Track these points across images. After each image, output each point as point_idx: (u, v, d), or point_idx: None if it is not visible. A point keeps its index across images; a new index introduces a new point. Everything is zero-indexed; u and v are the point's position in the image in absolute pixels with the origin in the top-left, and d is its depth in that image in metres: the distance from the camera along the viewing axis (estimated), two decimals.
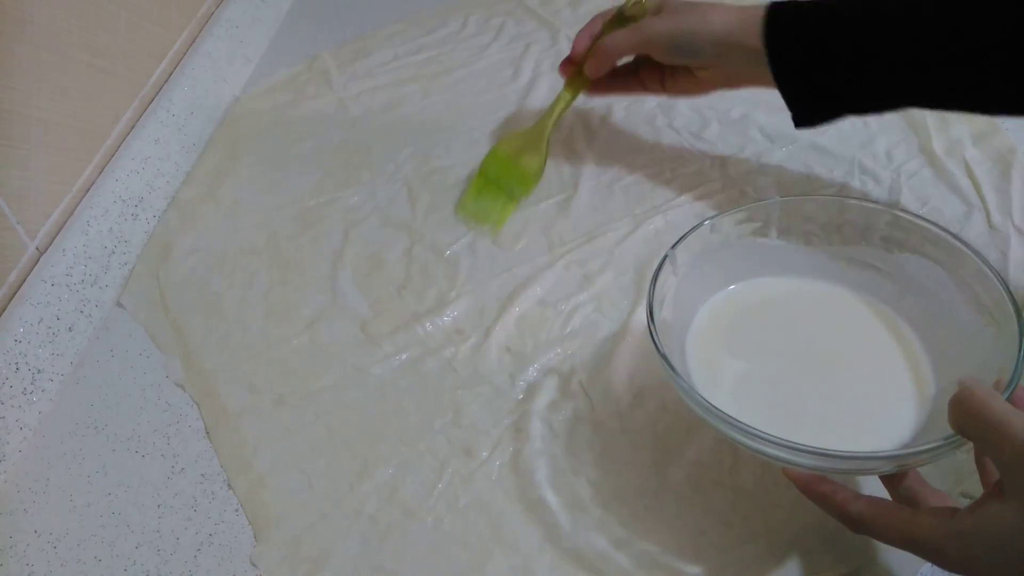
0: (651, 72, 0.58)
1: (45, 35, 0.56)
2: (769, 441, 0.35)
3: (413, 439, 0.48)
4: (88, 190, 0.60)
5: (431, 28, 0.85)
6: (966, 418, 0.32)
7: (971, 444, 0.33)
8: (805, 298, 0.47)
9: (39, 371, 0.52)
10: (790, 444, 0.35)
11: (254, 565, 0.43)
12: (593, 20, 0.59)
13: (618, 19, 0.57)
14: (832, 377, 0.43)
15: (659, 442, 0.46)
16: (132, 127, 0.67)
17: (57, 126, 0.58)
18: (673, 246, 0.44)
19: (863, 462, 0.35)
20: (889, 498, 0.37)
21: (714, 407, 0.37)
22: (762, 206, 0.47)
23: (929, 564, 0.39)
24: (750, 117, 0.68)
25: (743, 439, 0.37)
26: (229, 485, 0.47)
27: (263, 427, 0.49)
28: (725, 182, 0.62)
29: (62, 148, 0.58)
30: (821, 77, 0.49)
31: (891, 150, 0.63)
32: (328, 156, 0.70)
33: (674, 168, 0.64)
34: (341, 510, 0.45)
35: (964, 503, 0.33)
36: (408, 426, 0.48)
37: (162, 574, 0.43)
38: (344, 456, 0.47)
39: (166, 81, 0.72)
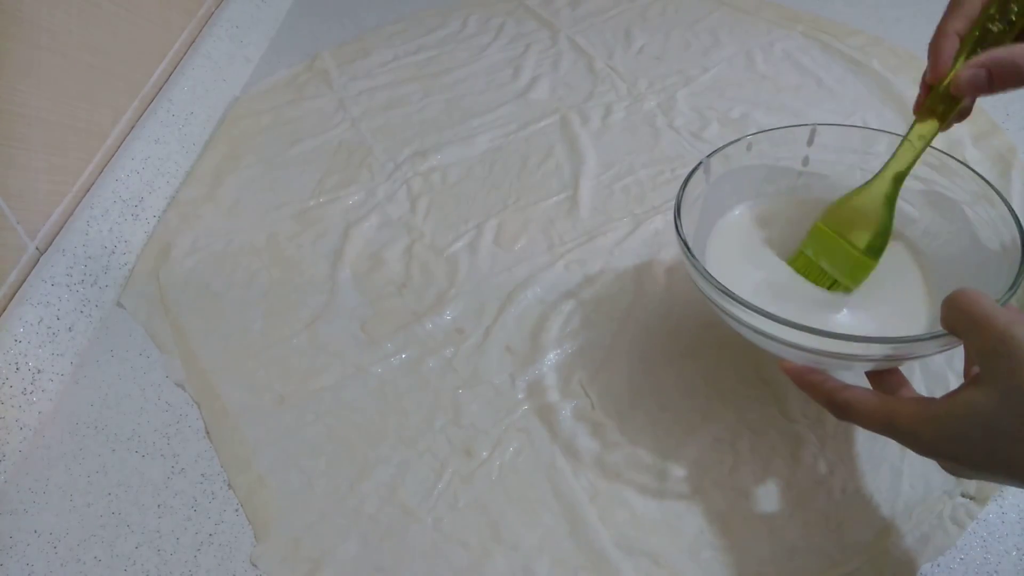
0: None
1: (45, 35, 0.56)
2: (776, 320, 0.37)
3: (413, 439, 0.48)
4: (88, 190, 0.60)
5: (431, 28, 0.85)
6: (955, 313, 0.33)
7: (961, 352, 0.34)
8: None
9: (39, 371, 0.52)
10: (794, 324, 0.37)
11: (254, 565, 0.43)
12: (941, 37, 0.41)
13: (981, 35, 0.40)
14: (842, 293, 0.46)
15: (659, 442, 0.46)
16: (132, 127, 0.67)
17: (57, 126, 0.58)
18: (709, 155, 0.47)
19: (860, 345, 0.37)
20: None
21: (727, 288, 0.39)
22: (796, 131, 0.49)
23: (930, 564, 0.40)
24: (750, 117, 0.68)
25: (752, 320, 0.38)
26: (229, 485, 0.47)
27: (263, 427, 0.49)
28: None
29: (62, 148, 0.58)
30: None
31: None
32: (328, 156, 0.70)
33: (674, 168, 0.64)
34: (341, 510, 0.45)
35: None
36: (408, 426, 0.48)
37: (162, 574, 0.43)
38: (344, 456, 0.47)
39: (166, 81, 0.72)
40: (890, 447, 0.44)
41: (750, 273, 0.46)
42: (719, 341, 0.50)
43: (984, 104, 0.66)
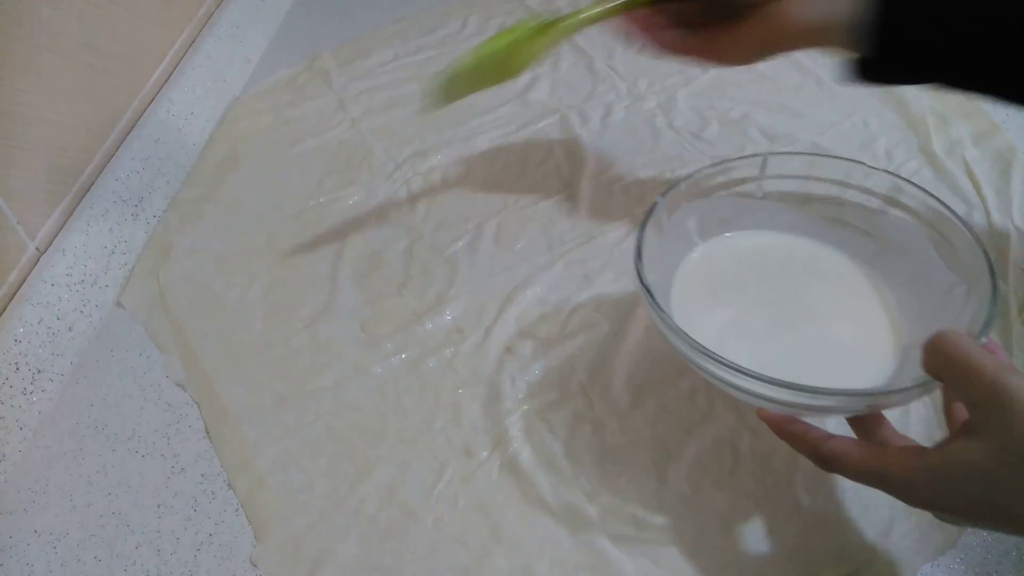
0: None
1: (45, 35, 0.56)
2: (749, 376, 0.36)
3: (413, 439, 0.48)
4: (88, 190, 0.60)
5: (431, 28, 0.85)
6: (939, 359, 0.32)
7: (938, 392, 0.34)
8: (785, 253, 0.48)
9: (39, 371, 0.52)
10: (769, 379, 0.35)
11: (254, 565, 0.43)
12: None
13: None
14: (810, 328, 0.45)
15: (659, 442, 0.46)
16: (132, 126, 0.67)
17: (57, 126, 0.58)
18: (663, 194, 0.45)
19: (839, 398, 0.36)
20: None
21: (696, 342, 0.38)
22: (745, 162, 0.48)
23: (930, 564, 0.40)
24: (750, 117, 0.68)
25: (723, 374, 0.37)
26: (229, 485, 0.47)
27: (263, 427, 0.49)
28: None
29: (62, 148, 0.58)
30: (923, 24, 0.42)
31: (891, 150, 0.63)
32: (328, 156, 0.70)
33: (674, 168, 0.64)
34: (341, 510, 0.45)
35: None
36: (408, 426, 0.48)
37: (162, 574, 0.43)
38: (344, 456, 0.47)
39: (166, 81, 0.72)
40: None
41: (713, 314, 0.45)
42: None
43: (984, 104, 0.66)
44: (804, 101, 0.69)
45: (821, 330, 0.44)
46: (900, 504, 0.41)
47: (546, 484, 0.45)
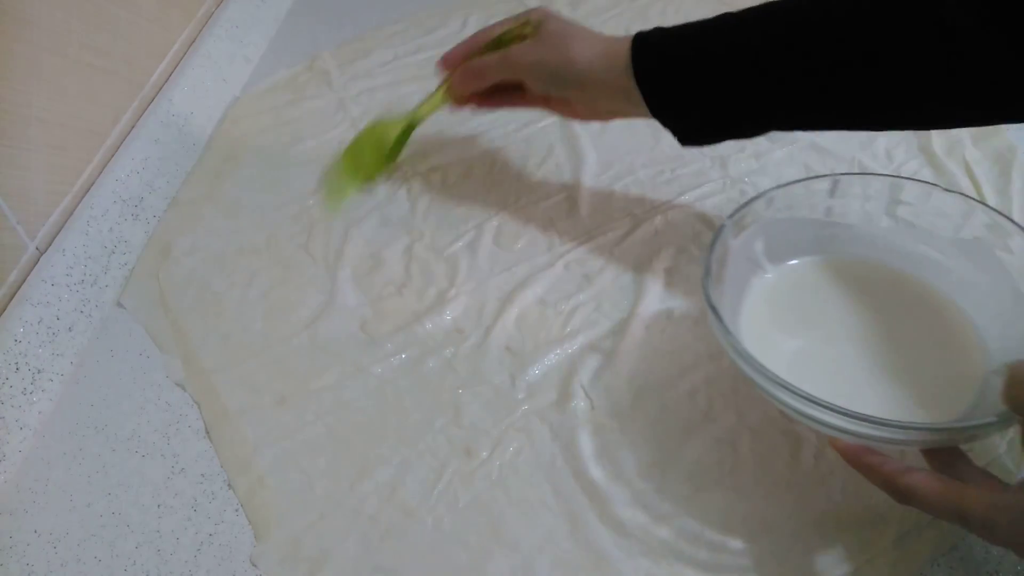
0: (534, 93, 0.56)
1: (45, 35, 0.56)
2: (828, 408, 0.35)
3: (413, 439, 0.48)
4: (88, 190, 0.60)
5: (431, 28, 0.85)
6: (1021, 390, 0.32)
7: (1015, 426, 0.33)
8: (857, 278, 0.47)
9: (39, 371, 0.52)
10: (848, 412, 0.35)
11: (254, 565, 0.43)
12: (476, 35, 0.57)
13: (496, 42, 0.56)
14: (884, 356, 0.43)
15: (659, 442, 0.46)
16: (132, 127, 0.67)
17: (57, 126, 0.58)
18: (731, 215, 0.45)
19: (916, 432, 0.35)
20: None
21: (768, 370, 0.37)
22: (817, 182, 0.47)
23: (930, 564, 0.40)
24: None
25: (801, 407, 0.37)
26: (229, 485, 0.47)
27: (263, 427, 0.49)
28: (725, 182, 0.62)
29: (62, 148, 0.58)
30: (697, 112, 0.48)
31: (891, 150, 0.63)
32: (328, 156, 0.70)
33: (674, 168, 0.64)
34: (341, 510, 0.45)
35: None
36: (408, 426, 0.48)
37: (162, 574, 0.43)
38: (344, 456, 0.47)
39: (166, 81, 0.72)
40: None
41: (784, 343, 0.44)
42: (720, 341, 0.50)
43: None
44: None
45: (896, 358, 0.43)
46: (900, 504, 0.42)
47: (546, 484, 0.45)
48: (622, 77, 0.48)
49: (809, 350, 0.44)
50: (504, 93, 0.57)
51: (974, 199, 0.44)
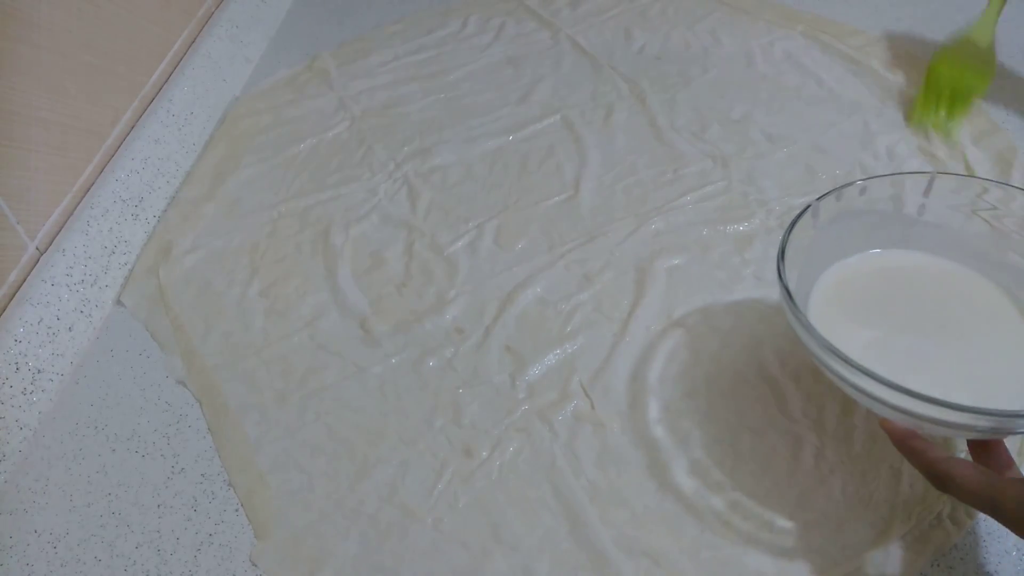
0: None
1: (45, 35, 0.56)
2: (875, 379, 0.36)
3: (413, 439, 0.48)
4: (88, 190, 0.60)
5: (431, 28, 0.85)
6: None
7: None
8: (935, 276, 0.46)
9: (39, 371, 0.52)
10: (903, 388, 0.35)
11: (254, 565, 0.43)
12: None
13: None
14: (949, 352, 0.43)
15: (659, 442, 0.46)
16: (132, 127, 0.67)
17: (57, 126, 0.58)
18: (819, 198, 0.44)
19: (966, 415, 0.35)
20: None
21: (834, 347, 0.37)
22: (913, 178, 0.46)
23: (930, 564, 0.40)
24: (751, 118, 0.68)
25: (861, 382, 0.37)
26: (229, 484, 0.47)
27: (264, 425, 0.49)
28: (727, 183, 0.62)
29: (62, 148, 0.58)
30: None
31: (891, 150, 0.63)
32: (328, 155, 0.70)
33: (676, 169, 0.64)
34: (341, 510, 0.45)
35: None
36: (408, 426, 0.48)
37: (162, 574, 0.43)
38: (344, 456, 0.47)
39: (166, 81, 0.72)
40: (890, 448, 0.44)
41: (856, 332, 0.43)
42: (720, 342, 0.50)
43: (985, 104, 0.66)
44: (804, 101, 0.69)
45: (960, 355, 0.43)
46: (900, 504, 0.42)
47: (546, 484, 0.45)
48: None
49: (873, 339, 0.44)
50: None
51: None
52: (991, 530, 0.41)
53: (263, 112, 0.76)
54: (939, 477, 0.36)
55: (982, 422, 0.35)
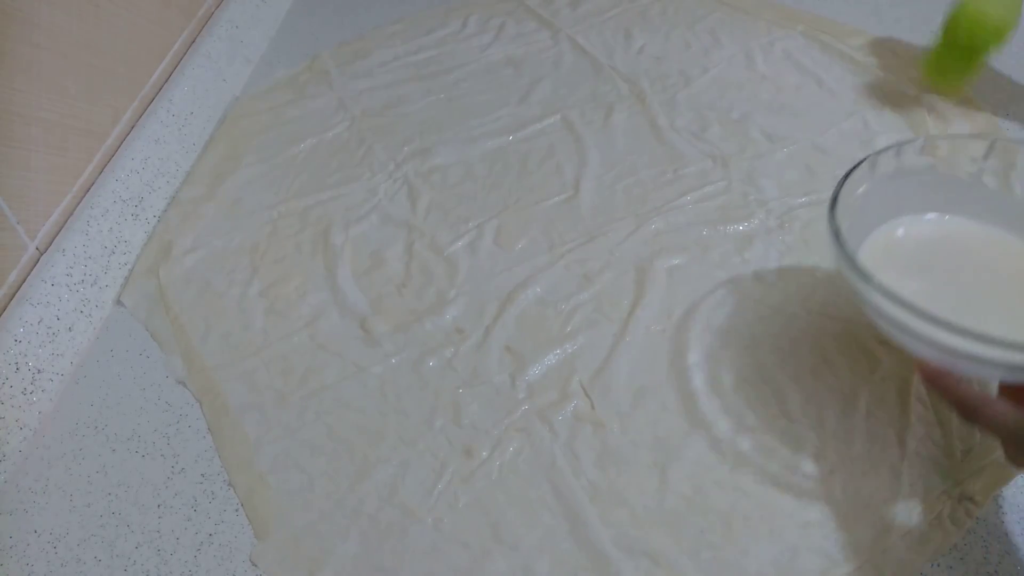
0: None
1: (45, 35, 0.56)
2: (927, 318, 0.36)
3: (413, 439, 0.48)
4: (88, 190, 0.60)
5: (431, 28, 0.85)
6: None
7: None
8: (986, 242, 0.46)
9: (39, 371, 0.52)
10: (936, 318, 0.35)
11: (254, 564, 0.43)
12: None
13: None
14: (997, 313, 0.42)
15: (659, 442, 0.46)
16: (132, 127, 0.67)
17: (57, 126, 0.58)
18: (877, 152, 0.44)
19: (1003, 350, 0.35)
20: None
21: (878, 280, 0.37)
22: (973, 141, 0.46)
23: (930, 564, 0.40)
24: (751, 118, 0.68)
25: (893, 311, 0.37)
26: (229, 484, 0.47)
27: (264, 425, 0.49)
28: (727, 183, 0.62)
29: (62, 148, 0.58)
30: None
31: None
32: (328, 155, 0.70)
33: (676, 169, 0.64)
34: (341, 510, 0.45)
35: None
36: (408, 426, 0.48)
37: (162, 574, 0.43)
38: (344, 456, 0.47)
39: (166, 81, 0.72)
40: (890, 448, 0.44)
41: (902, 282, 0.42)
42: (720, 341, 0.50)
43: (984, 104, 0.66)
44: (804, 101, 0.69)
45: (1004, 317, 0.42)
46: (900, 504, 0.42)
47: (546, 484, 0.45)
48: None
49: (919, 288, 0.43)
50: None
51: None
52: (991, 531, 0.41)
53: (263, 112, 0.76)
54: (969, 408, 0.36)
55: (1019, 357, 0.35)
